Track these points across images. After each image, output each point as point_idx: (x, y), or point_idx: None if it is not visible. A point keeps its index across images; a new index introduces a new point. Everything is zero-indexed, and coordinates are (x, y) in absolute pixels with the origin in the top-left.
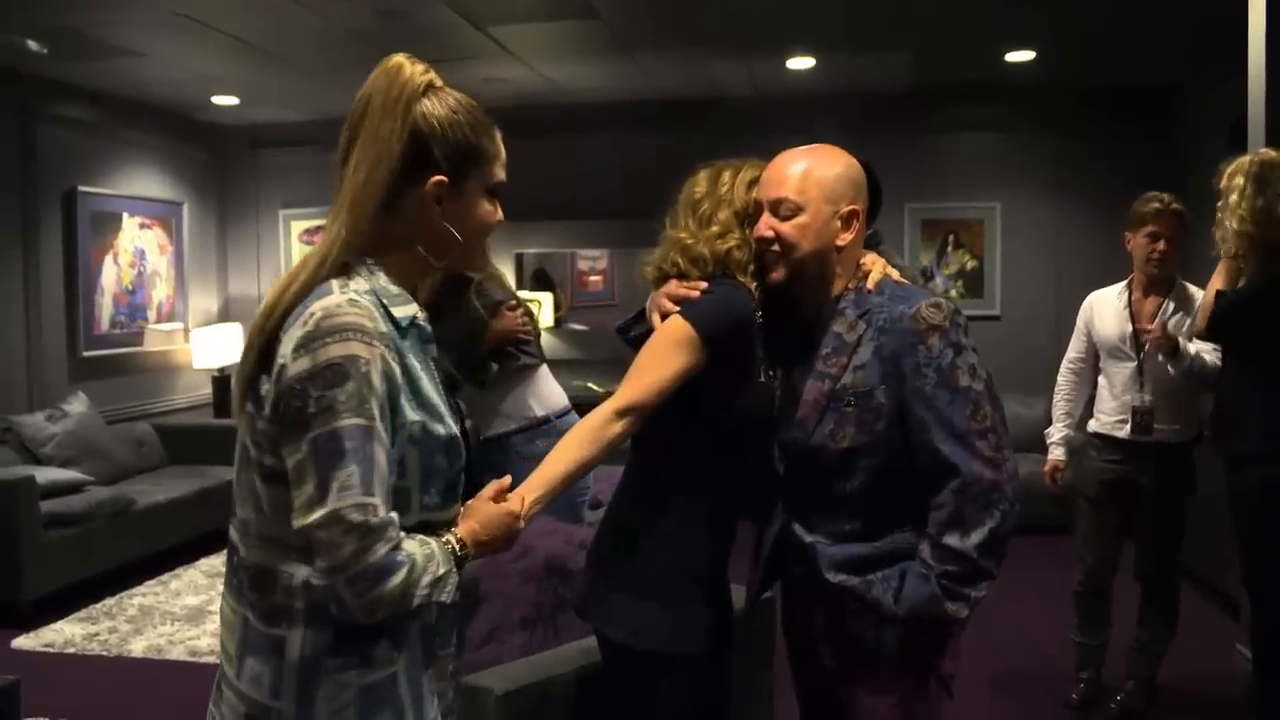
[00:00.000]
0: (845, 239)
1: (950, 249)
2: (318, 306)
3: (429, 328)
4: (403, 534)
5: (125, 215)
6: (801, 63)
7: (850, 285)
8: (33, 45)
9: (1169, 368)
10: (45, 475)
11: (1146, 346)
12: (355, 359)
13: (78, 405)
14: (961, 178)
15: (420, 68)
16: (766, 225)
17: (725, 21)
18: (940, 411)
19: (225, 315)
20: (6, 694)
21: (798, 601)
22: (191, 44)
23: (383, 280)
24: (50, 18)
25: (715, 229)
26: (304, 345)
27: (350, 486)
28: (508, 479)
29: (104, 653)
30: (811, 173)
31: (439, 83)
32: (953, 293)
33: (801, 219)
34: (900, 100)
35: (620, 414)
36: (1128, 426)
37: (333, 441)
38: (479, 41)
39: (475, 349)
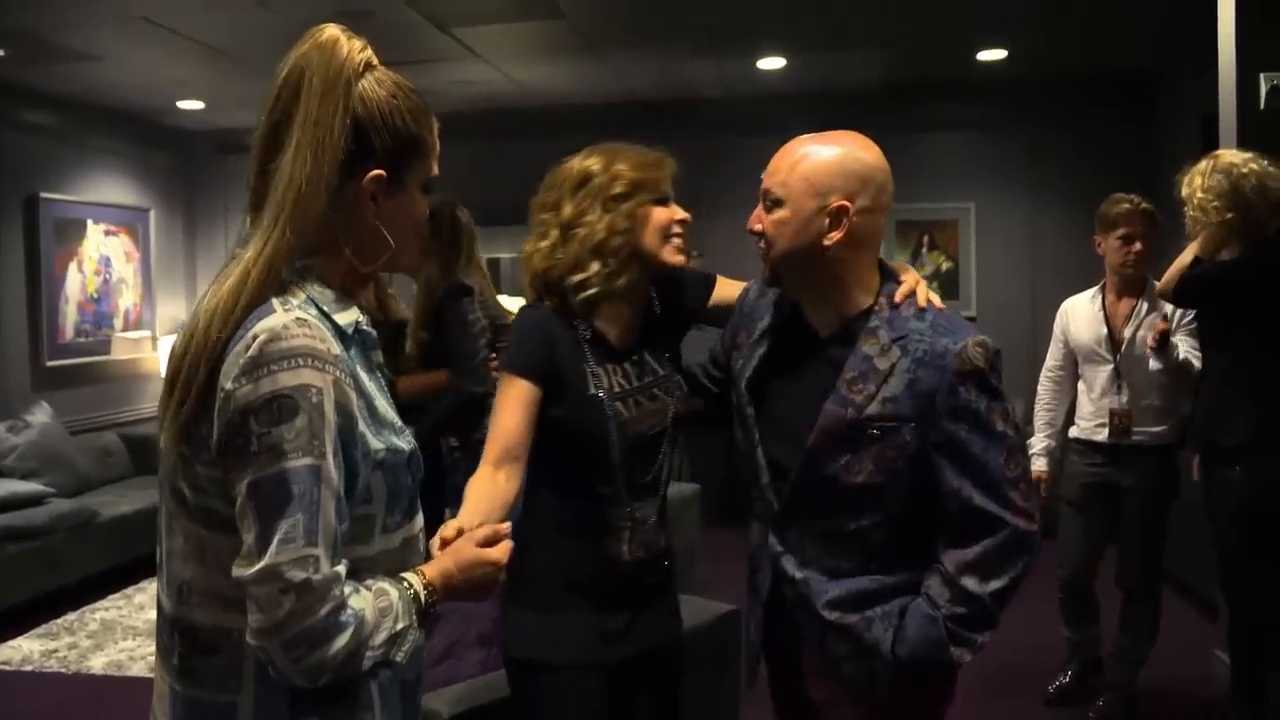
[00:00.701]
0: (832, 238)
1: (925, 250)
2: (261, 328)
3: (372, 332)
4: (350, 587)
5: (90, 222)
6: (772, 63)
7: (878, 301)
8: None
9: (1150, 361)
10: (3, 488)
11: (1123, 348)
12: (306, 389)
13: (40, 415)
14: (936, 177)
15: (358, 43)
16: (755, 218)
17: (694, 22)
18: (975, 458)
19: None
20: None
21: (785, 632)
22: (154, 48)
23: (316, 285)
24: (6, 20)
25: (544, 243)
26: (247, 373)
27: (292, 539)
28: (507, 526)
29: (63, 669)
30: (801, 162)
31: (375, 60)
32: None
33: (781, 213)
34: (873, 99)
35: (496, 465)
36: (1106, 430)
37: (277, 486)
38: (444, 43)
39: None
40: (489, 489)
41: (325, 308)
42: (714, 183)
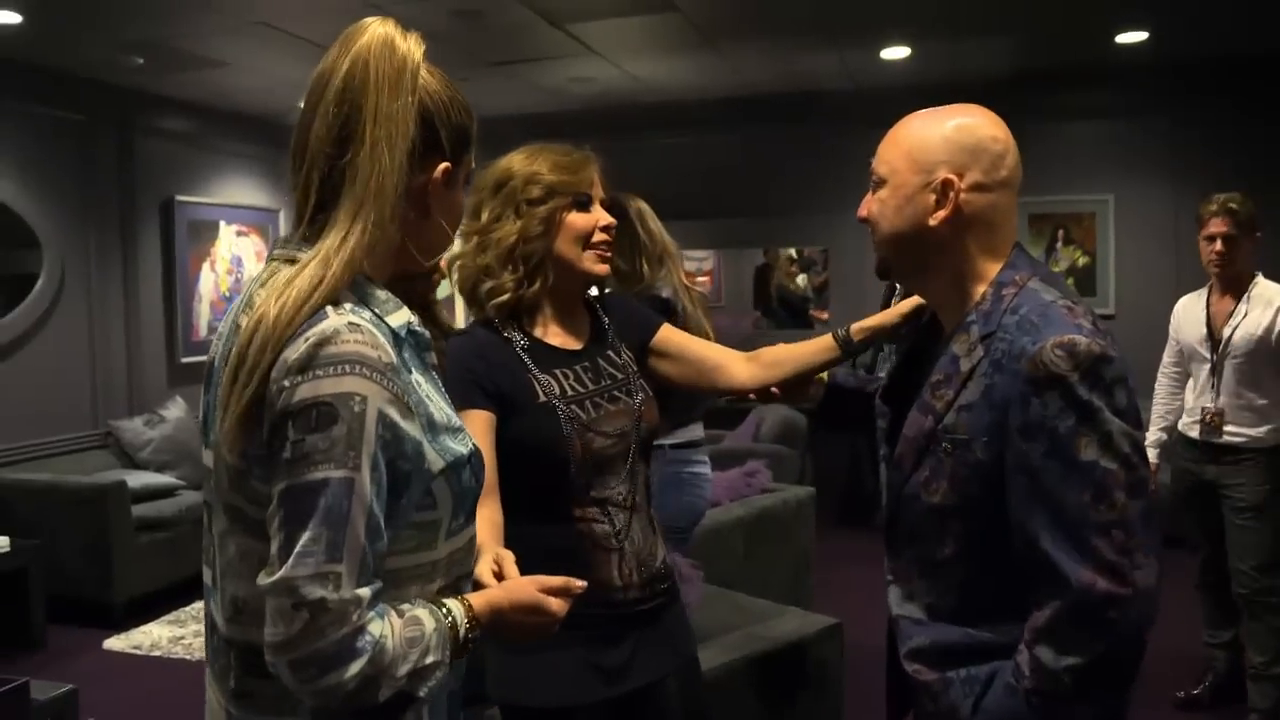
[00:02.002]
0: (938, 217)
1: (1060, 244)
2: (314, 331)
3: (425, 333)
4: (376, 612)
5: (222, 223)
6: (896, 52)
7: (985, 291)
8: (133, 59)
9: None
10: (138, 480)
11: (1221, 347)
12: (349, 397)
13: (175, 410)
14: (1071, 168)
15: (415, 36)
16: (863, 204)
17: (810, 11)
18: (1048, 491)
19: None
20: (65, 700)
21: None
22: (273, 51)
23: (369, 285)
24: (139, 30)
25: (466, 249)
26: (292, 374)
27: (312, 553)
28: (582, 584)
29: (187, 656)
30: (905, 138)
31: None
32: None
33: (883, 192)
34: (1003, 87)
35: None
36: (1198, 427)
37: (305, 496)
38: (558, 40)
39: None
40: (484, 519)
41: (377, 309)
42: (841, 177)
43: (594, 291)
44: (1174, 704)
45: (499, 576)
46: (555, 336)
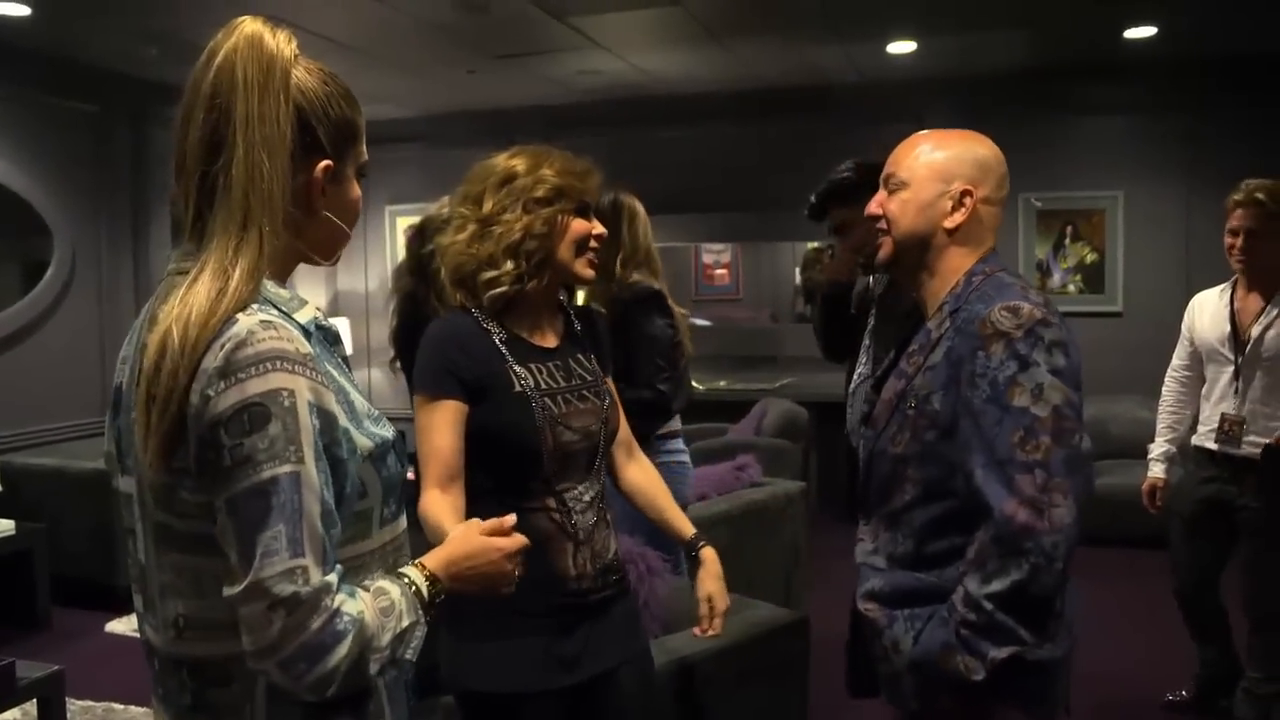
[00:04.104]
0: (954, 220)
1: (1068, 241)
2: (227, 336)
3: (333, 327)
4: (345, 592)
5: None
6: (902, 46)
7: (960, 278)
8: (147, 50)
9: None
10: None
11: (1248, 349)
12: (277, 394)
13: None
14: (1080, 165)
15: (284, 33)
16: (876, 201)
17: (814, 6)
18: (984, 431)
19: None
20: (51, 680)
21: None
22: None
23: (270, 286)
24: (151, 22)
25: (462, 236)
26: (214, 383)
27: (275, 551)
28: (512, 517)
29: None
30: (926, 150)
31: (298, 50)
32: (1070, 288)
33: (904, 194)
34: (1012, 82)
35: (442, 487)
36: (1215, 434)
37: (255, 499)
38: (564, 34)
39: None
40: (448, 505)
41: (283, 307)
42: None
43: (613, 304)
44: (1162, 707)
45: None
46: (530, 332)
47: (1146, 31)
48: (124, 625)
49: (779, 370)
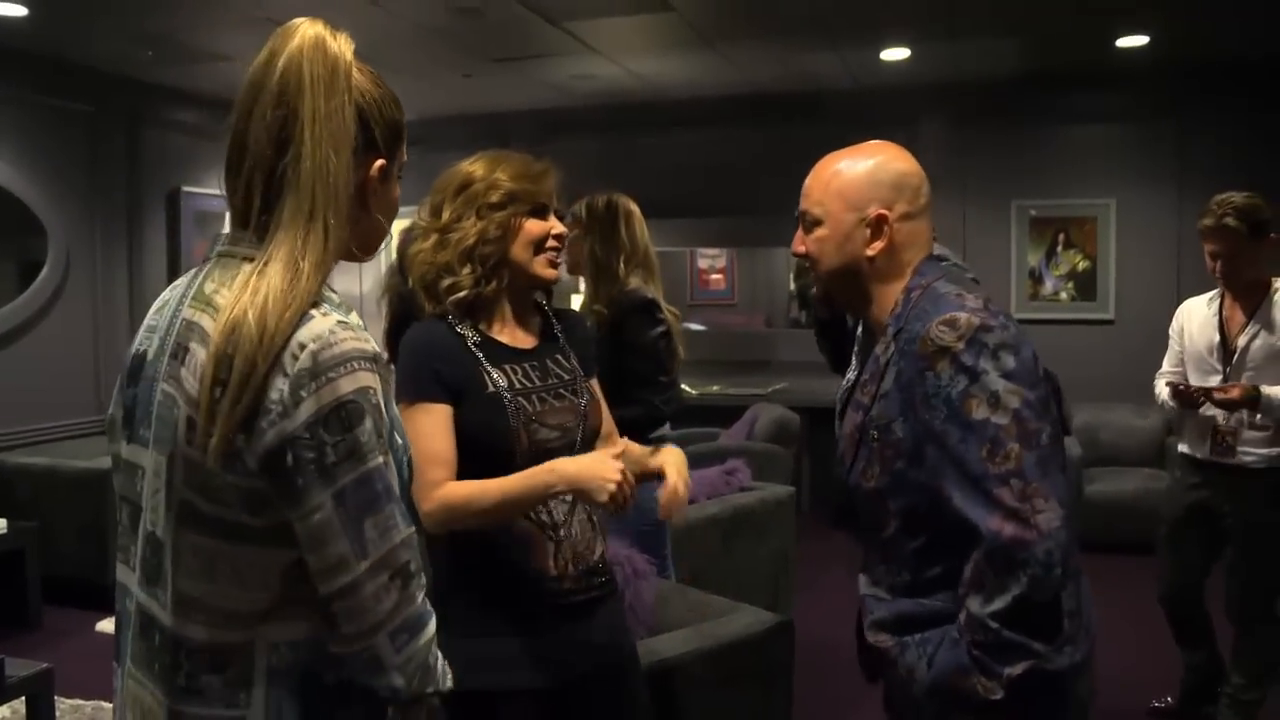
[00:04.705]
0: (875, 248)
1: (1060, 248)
2: (307, 337)
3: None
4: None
5: (227, 214)
6: (895, 53)
7: (899, 299)
8: (142, 52)
9: (1256, 416)
10: None
11: (1234, 359)
12: (366, 390)
13: None
14: (1072, 172)
15: (344, 36)
16: (798, 240)
17: (805, 13)
18: (951, 452)
19: None
20: (40, 678)
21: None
22: None
23: (324, 287)
24: (146, 24)
25: (425, 245)
26: (305, 385)
27: (393, 526)
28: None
29: None
30: (834, 179)
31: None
32: (1062, 295)
33: (820, 231)
34: (1005, 89)
35: (436, 485)
36: (1208, 446)
37: (363, 488)
38: (558, 38)
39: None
40: (440, 502)
41: (338, 312)
42: None
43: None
44: (1147, 713)
45: None
46: (507, 335)
47: (1138, 40)
48: (114, 625)
49: (772, 375)
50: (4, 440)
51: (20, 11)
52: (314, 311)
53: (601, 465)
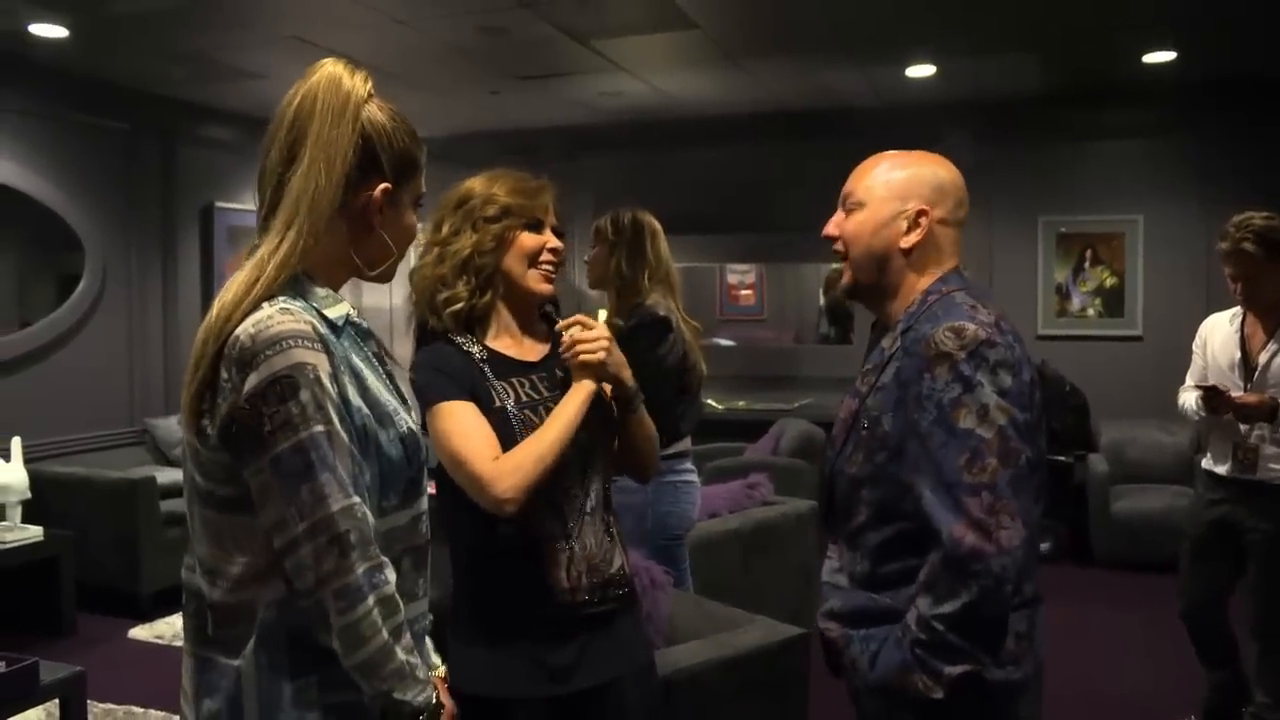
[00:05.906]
0: (909, 240)
1: (1088, 265)
2: (249, 324)
3: (364, 324)
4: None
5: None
6: (921, 70)
7: (916, 298)
8: (176, 71)
9: (1277, 431)
10: (167, 476)
11: (1256, 375)
12: (302, 366)
13: None
14: (1100, 188)
15: (361, 75)
16: (834, 223)
17: (829, 31)
18: (932, 453)
19: None
20: (73, 682)
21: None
22: (307, 64)
23: (308, 284)
24: (181, 44)
25: (427, 260)
26: (244, 365)
27: (326, 495)
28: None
29: None
30: (884, 170)
31: (373, 92)
32: (1090, 311)
33: (860, 215)
34: (1032, 106)
35: (498, 467)
36: (1230, 463)
37: (297, 455)
38: (584, 56)
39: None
40: (514, 450)
41: (315, 303)
42: None
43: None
44: None
45: None
46: (512, 348)
47: (1166, 56)
48: (146, 632)
49: (798, 390)
50: (41, 450)
51: (62, 33)
52: (265, 304)
53: (592, 343)
